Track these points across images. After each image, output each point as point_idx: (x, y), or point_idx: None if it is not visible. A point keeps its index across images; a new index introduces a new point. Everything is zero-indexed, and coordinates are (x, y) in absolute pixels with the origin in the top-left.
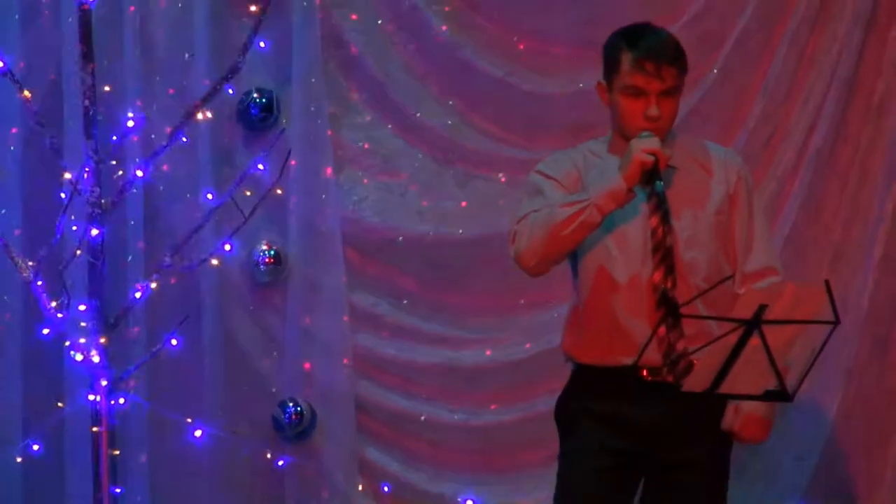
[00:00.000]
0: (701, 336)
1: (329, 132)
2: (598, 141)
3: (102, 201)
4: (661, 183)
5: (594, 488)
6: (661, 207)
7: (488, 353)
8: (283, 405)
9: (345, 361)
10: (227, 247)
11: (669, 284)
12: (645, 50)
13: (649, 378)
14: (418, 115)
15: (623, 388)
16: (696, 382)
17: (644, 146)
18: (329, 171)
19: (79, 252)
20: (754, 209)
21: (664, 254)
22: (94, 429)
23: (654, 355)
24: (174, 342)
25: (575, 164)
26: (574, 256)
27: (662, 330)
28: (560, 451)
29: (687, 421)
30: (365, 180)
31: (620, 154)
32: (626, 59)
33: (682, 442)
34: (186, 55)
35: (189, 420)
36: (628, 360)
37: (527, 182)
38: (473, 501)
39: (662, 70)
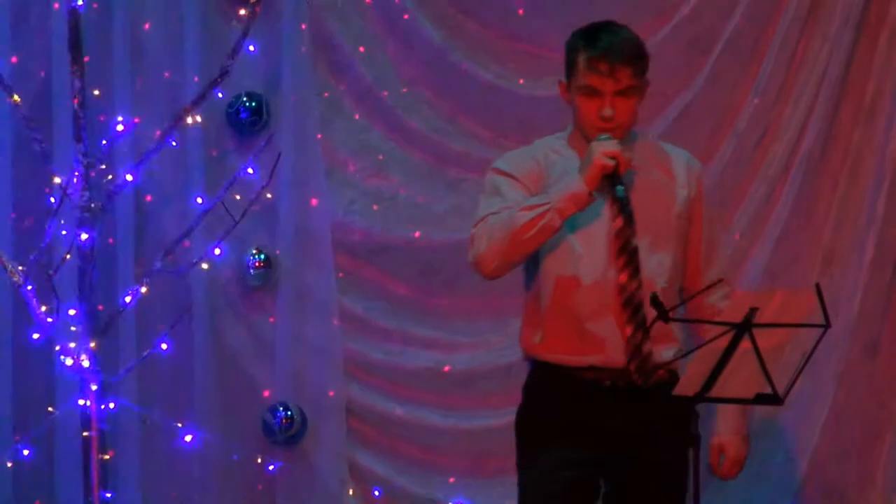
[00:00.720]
0: (666, 339)
1: (319, 136)
2: (556, 136)
3: (92, 205)
4: (623, 188)
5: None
6: (624, 210)
7: (479, 356)
8: (273, 409)
9: (335, 365)
10: (217, 251)
11: (635, 286)
12: (599, 50)
13: (610, 382)
14: (409, 118)
15: (586, 391)
16: (686, 387)
17: (604, 149)
18: (319, 174)
19: (68, 256)
20: (714, 217)
21: (629, 256)
22: (85, 433)
23: (619, 356)
24: (164, 346)
25: (536, 161)
26: (534, 257)
27: (628, 331)
28: (521, 463)
29: (653, 424)
30: (355, 184)
31: (580, 149)
32: (582, 59)
33: (649, 445)
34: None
35: (179, 424)
36: (593, 361)
37: (485, 181)
38: None
39: (617, 70)
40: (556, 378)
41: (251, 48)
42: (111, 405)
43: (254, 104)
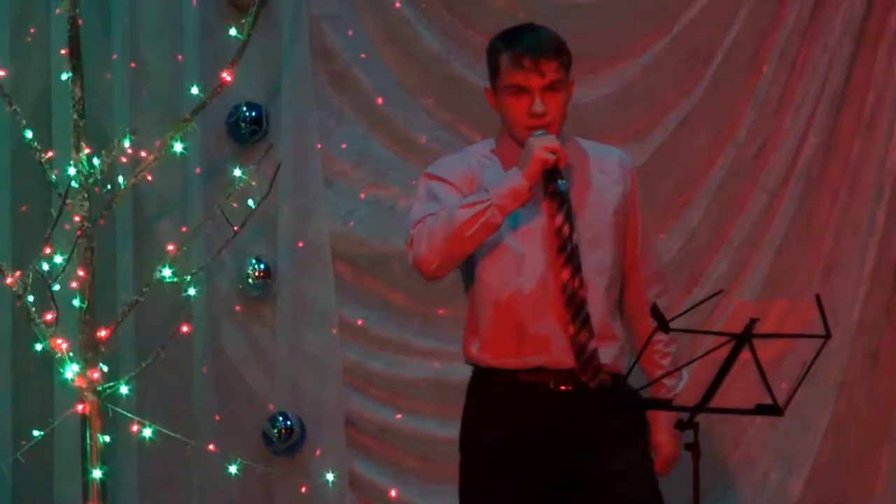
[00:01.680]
0: (607, 337)
1: (319, 145)
2: (483, 144)
3: (91, 215)
4: (564, 181)
5: None
6: (563, 206)
7: None
8: (272, 419)
9: (334, 375)
10: (217, 260)
11: (577, 284)
12: (521, 46)
13: (564, 388)
14: (408, 128)
15: (532, 393)
16: (686, 397)
17: (543, 143)
18: (319, 184)
19: (68, 266)
20: (642, 211)
21: (570, 253)
22: (84, 444)
23: (564, 356)
24: (163, 356)
25: (469, 166)
26: (469, 260)
27: (571, 330)
28: (464, 481)
29: (602, 429)
30: (355, 194)
31: (507, 156)
32: (504, 59)
33: (602, 449)
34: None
35: (179, 434)
36: (537, 362)
37: (418, 188)
38: None
39: (541, 64)
40: (499, 384)
41: (251, 58)
42: (110, 415)
43: (253, 114)
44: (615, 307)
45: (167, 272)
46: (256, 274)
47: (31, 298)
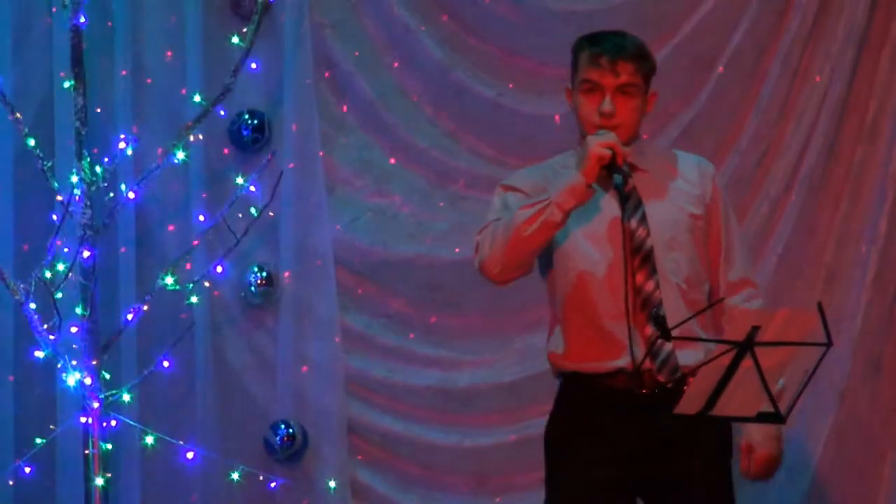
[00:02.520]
0: (688, 342)
1: (321, 153)
2: (565, 155)
3: (94, 223)
4: (620, 177)
5: None
6: (630, 204)
7: (481, 374)
8: (275, 427)
9: (337, 383)
10: (219, 268)
11: (651, 287)
12: (602, 46)
13: (643, 391)
14: (411, 135)
15: (613, 396)
16: (688, 405)
17: (600, 140)
18: (321, 192)
19: (70, 274)
20: (731, 217)
21: (644, 256)
22: (86, 451)
23: (640, 357)
24: (166, 364)
25: (544, 175)
26: (549, 264)
27: (648, 331)
28: (549, 475)
29: (684, 433)
30: (357, 201)
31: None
32: (584, 56)
33: (680, 454)
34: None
35: (181, 442)
36: (615, 364)
37: (493, 199)
38: None
39: (618, 65)
40: (585, 388)
41: (253, 66)
42: (113, 423)
43: (256, 121)
44: (698, 309)
45: (169, 280)
46: (259, 282)
47: (33, 306)
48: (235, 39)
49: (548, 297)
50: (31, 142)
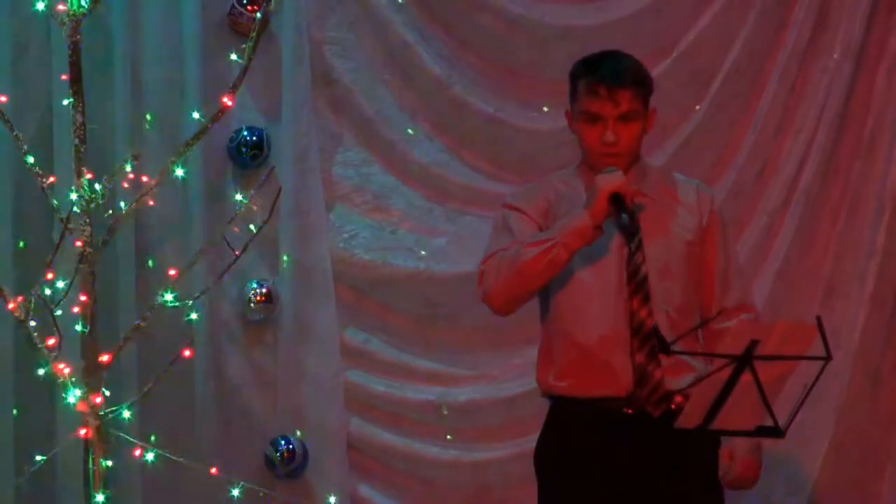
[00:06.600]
0: (678, 367)
1: (320, 169)
2: (566, 170)
3: (93, 240)
4: (627, 217)
5: None
6: (631, 239)
7: (480, 389)
8: (275, 443)
9: (336, 398)
10: (219, 284)
11: (645, 314)
12: (599, 75)
13: (629, 411)
14: (409, 152)
15: (603, 422)
16: (688, 419)
17: (610, 182)
18: (320, 208)
19: (70, 290)
20: (729, 242)
21: (639, 283)
22: (87, 468)
23: (631, 385)
24: (165, 381)
25: (545, 197)
26: (545, 291)
27: (639, 358)
28: (541, 497)
29: (672, 453)
30: (356, 217)
31: (587, 180)
32: (582, 85)
33: (671, 476)
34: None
35: (181, 458)
36: (608, 392)
37: (496, 216)
38: None
39: (616, 94)
40: (574, 410)
41: (252, 82)
42: (113, 439)
43: (255, 138)
44: (690, 336)
45: (169, 297)
46: (258, 298)
47: (33, 323)
48: (234, 56)
49: (539, 317)
50: (31, 159)
